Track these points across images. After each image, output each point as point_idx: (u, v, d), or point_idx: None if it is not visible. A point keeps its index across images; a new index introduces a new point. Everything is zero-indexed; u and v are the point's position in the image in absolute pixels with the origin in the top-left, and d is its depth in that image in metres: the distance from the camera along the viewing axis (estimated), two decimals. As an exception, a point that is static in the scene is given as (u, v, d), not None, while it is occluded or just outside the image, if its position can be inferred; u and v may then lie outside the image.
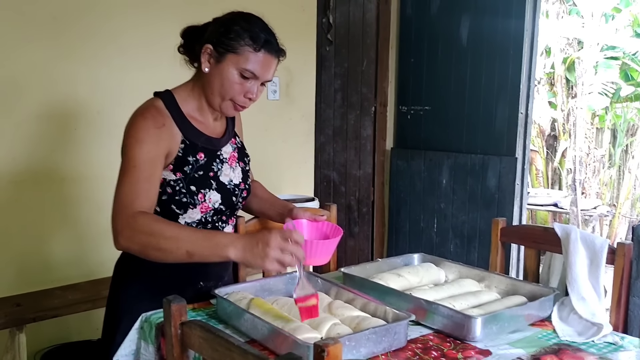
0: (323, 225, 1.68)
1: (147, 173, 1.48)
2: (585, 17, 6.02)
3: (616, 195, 6.13)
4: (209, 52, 1.54)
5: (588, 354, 1.36)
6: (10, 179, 2.60)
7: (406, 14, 3.46)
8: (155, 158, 1.50)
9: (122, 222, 1.43)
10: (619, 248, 1.65)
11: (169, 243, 1.41)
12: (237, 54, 1.52)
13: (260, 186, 1.92)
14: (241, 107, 1.61)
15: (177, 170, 1.55)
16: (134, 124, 1.52)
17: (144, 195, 1.47)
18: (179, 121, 1.57)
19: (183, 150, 1.56)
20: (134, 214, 1.43)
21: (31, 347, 2.53)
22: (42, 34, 2.62)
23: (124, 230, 1.42)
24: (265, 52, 1.55)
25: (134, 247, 1.44)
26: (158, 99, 1.59)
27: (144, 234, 1.42)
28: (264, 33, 1.55)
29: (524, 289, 1.62)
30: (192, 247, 1.41)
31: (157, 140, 1.51)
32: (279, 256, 1.36)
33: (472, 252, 3.25)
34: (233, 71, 1.53)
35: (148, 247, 1.42)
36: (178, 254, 1.42)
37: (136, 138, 1.49)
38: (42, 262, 2.72)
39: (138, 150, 1.48)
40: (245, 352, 1.03)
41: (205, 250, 1.42)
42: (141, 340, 1.52)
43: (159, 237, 1.41)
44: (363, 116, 3.74)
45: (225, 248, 1.40)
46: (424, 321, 1.49)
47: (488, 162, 3.17)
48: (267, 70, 1.57)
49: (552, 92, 6.46)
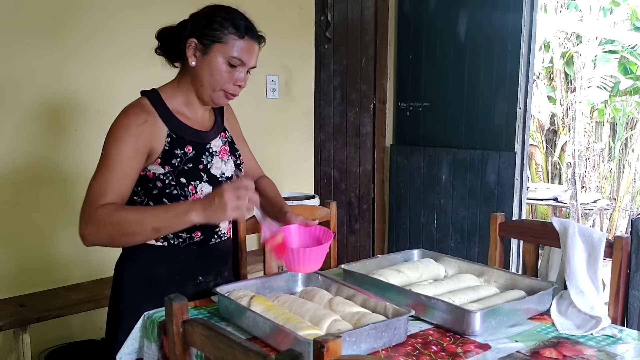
0: (315, 230, 1.65)
1: (120, 173, 1.52)
2: (584, 11, 6.02)
3: (616, 189, 6.14)
4: (194, 45, 1.58)
5: (587, 347, 1.37)
6: (12, 180, 2.61)
7: (404, 10, 3.47)
8: (131, 157, 1.53)
9: (86, 218, 1.47)
10: (616, 241, 1.66)
11: (133, 227, 1.47)
12: (222, 43, 1.57)
13: (268, 183, 1.93)
14: (232, 96, 1.65)
15: (165, 163, 1.58)
16: (116, 122, 1.56)
17: (113, 193, 1.51)
18: (164, 116, 1.60)
19: (169, 144, 1.59)
20: (96, 209, 1.47)
21: (35, 347, 2.55)
22: (40, 34, 2.63)
23: (88, 226, 1.47)
24: (248, 38, 1.60)
25: (102, 240, 1.49)
26: (144, 97, 1.63)
27: (107, 224, 1.46)
28: (243, 20, 1.61)
29: (522, 283, 1.63)
30: (156, 222, 1.47)
31: (135, 139, 1.54)
32: (236, 203, 1.42)
33: (472, 247, 3.26)
34: (220, 60, 1.57)
35: (114, 236, 1.48)
36: (145, 233, 1.48)
37: (115, 137, 1.54)
38: (45, 262, 2.73)
39: (114, 150, 1.52)
40: (246, 349, 1.04)
41: (168, 221, 1.48)
42: (144, 338, 1.53)
43: (122, 224, 1.47)
44: (362, 113, 3.75)
45: (187, 213, 1.45)
46: (424, 316, 1.50)
47: (487, 158, 3.18)
48: (252, 55, 1.62)
49: (551, 86, 6.46)
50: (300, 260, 1.49)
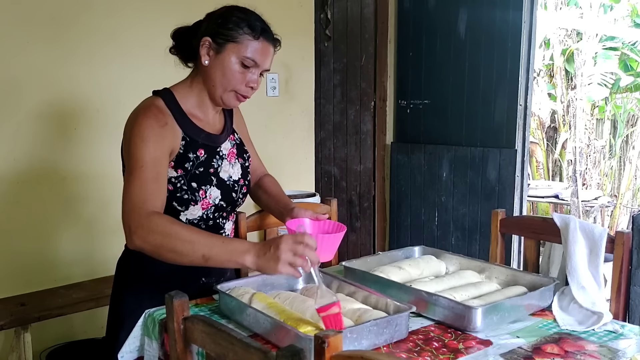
0: (325, 224, 1.66)
1: (155, 173, 1.49)
2: (584, 8, 6.01)
3: (617, 186, 6.13)
4: (207, 44, 1.56)
5: (589, 343, 1.37)
6: (13, 180, 2.62)
7: (404, 8, 3.46)
8: (161, 157, 1.51)
9: (135, 221, 1.42)
10: (617, 237, 1.66)
11: (185, 246, 1.41)
12: (237, 42, 1.54)
13: (272, 181, 1.92)
14: (243, 97, 1.62)
15: (178, 167, 1.56)
16: (138, 123, 1.52)
17: (154, 195, 1.47)
18: (179, 119, 1.58)
19: (184, 147, 1.57)
20: (148, 214, 1.43)
21: (36, 346, 2.55)
22: (41, 34, 2.63)
23: (138, 230, 1.42)
24: (264, 39, 1.57)
25: (148, 247, 1.43)
26: (158, 97, 1.60)
27: (158, 234, 1.41)
28: (259, 22, 1.58)
29: (524, 279, 1.63)
30: (208, 251, 1.40)
31: (161, 139, 1.51)
32: (291, 259, 1.35)
33: (473, 244, 3.26)
34: (234, 60, 1.55)
35: (162, 248, 1.42)
36: (193, 257, 1.41)
37: (141, 137, 1.49)
38: (45, 261, 2.73)
39: (144, 150, 1.48)
40: (247, 345, 1.04)
41: (221, 256, 1.41)
42: (145, 336, 1.53)
43: (175, 239, 1.41)
44: (363, 111, 3.75)
45: (242, 255, 1.40)
46: (425, 313, 1.50)
47: (488, 155, 3.17)
48: (266, 57, 1.59)
49: (551, 83, 6.46)
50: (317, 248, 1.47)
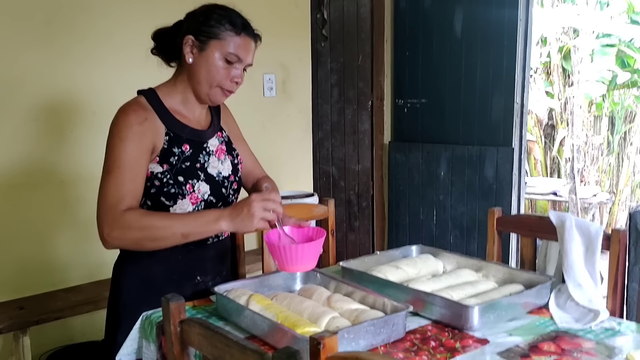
0: (309, 231, 1.61)
1: (132, 173, 1.53)
2: (580, 5, 6.01)
3: (615, 183, 6.13)
4: (190, 42, 1.59)
5: (585, 340, 1.37)
6: (9, 183, 2.61)
7: (400, 7, 3.46)
8: (139, 156, 1.54)
9: (110, 223, 1.48)
10: (614, 234, 1.66)
11: (162, 232, 1.50)
12: (219, 39, 1.58)
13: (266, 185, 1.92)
14: (228, 92, 1.65)
15: (163, 162, 1.58)
16: (116, 121, 1.56)
17: (129, 195, 1.52)
18: (161, 114, 1.61)
19: (168, 142, 1.60)
20: (121, 213, 1.48)
21: (35, 350, 2.55)
22: (36, 35, 2.63)
23: (114, 231, 1.48)
24: (245, 35, 1.61)
25: (129, 244, 1.52)
26: (140, 96, 1.64)
27: (135, 229, 1.49)
28: (240, 18, 1.62)
29: (520, 278, 1.63)
30: (185, 229, 1.50)
31: (139, 137, 1.54)
32: (263, 214, 1.48)
33: (471, 242, 3.26)
34: (218, 57, 1.59)
35: (142, 240, 1.50)
36: (173, 239, 1.52)
37: (119, 137, 1.53)
38: (43, 264, 2.73)
39: (122, 150, 1.52)
40: (243, 347, 1.05)
41: (198, 228, 1.51)
42: (142, 339, 1.53)
43: (151, 229, 1.49)
44: (360, 111, 3.75)
45: (217, 222, 1.50)
46: (423, 312, 1.50)
47: (485, 153, 3.17)
48: (249, 52, 1.63)
49: (548, 81, 6.45)
50: (291, 259, 1.46)
